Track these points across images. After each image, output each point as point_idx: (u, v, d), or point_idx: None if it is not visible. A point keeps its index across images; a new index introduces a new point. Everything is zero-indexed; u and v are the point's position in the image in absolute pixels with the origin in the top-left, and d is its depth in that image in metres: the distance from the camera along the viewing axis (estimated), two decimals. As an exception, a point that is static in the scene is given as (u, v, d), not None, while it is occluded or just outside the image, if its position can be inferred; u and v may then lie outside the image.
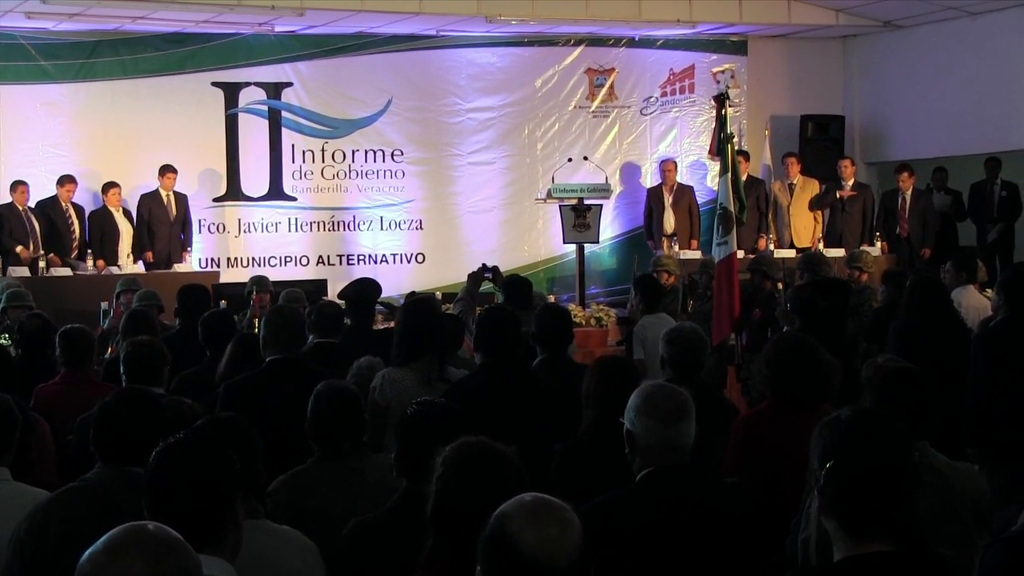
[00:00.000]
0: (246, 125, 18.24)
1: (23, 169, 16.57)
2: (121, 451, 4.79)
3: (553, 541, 3.03)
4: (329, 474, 5.47)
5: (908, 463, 3.37)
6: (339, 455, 5.51)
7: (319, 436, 5.54)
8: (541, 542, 3.02)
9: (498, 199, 19.11)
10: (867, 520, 3.29)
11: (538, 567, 3.00)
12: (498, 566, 3.05)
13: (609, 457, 4.83)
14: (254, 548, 3.92)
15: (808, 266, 13.09)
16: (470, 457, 3.88)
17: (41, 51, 17.25)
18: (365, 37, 18.30)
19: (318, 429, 5.54)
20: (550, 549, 3.02)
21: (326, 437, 5.52)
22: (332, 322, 8.83)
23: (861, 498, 3.28)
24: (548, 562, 3.00)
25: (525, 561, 3.01)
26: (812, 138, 19.39)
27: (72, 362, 8.12)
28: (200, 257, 17.47)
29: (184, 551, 2.95)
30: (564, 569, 3.01)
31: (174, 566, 2.88)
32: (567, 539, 3.05)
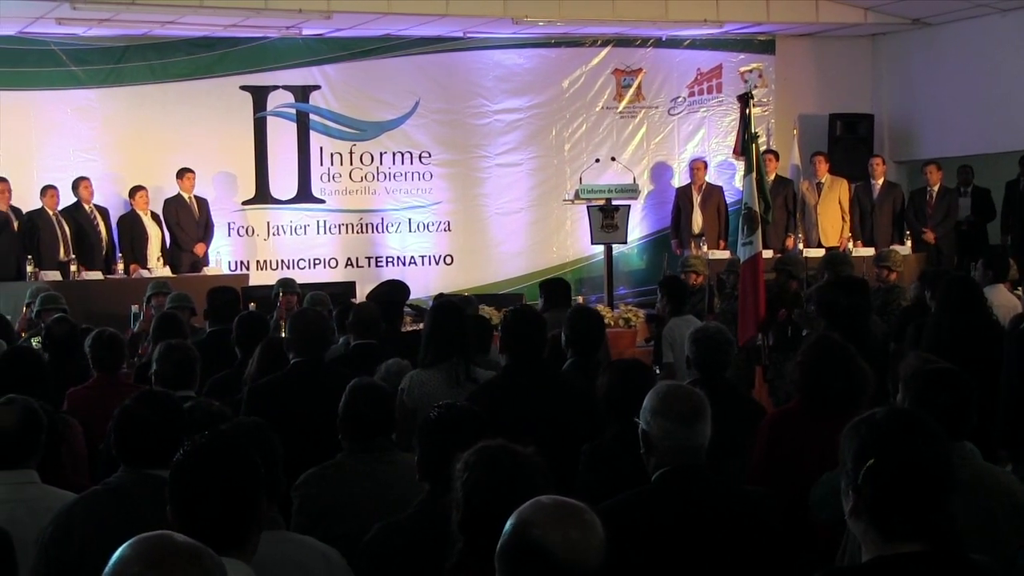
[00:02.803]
0: (274, 128, 18.30)
1: (54, 173, 16.66)
2: (143, 455, 4.80)
3: (578, 543, 3.02)
4: (359, 468, 5.49)
5: (945, 464, 3.33)
6: (369, 450, 5.53)
7: (351, 431, 5.55)
8: (567, 545, 3.02)
9: (526, 200, 19.12)
10: (901, 520, 3.25)
11: (566, 570, 3.00)
12: (524, 571, 3.04)
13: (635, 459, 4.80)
14: (278, 555, 3.93)
15: (829, 266, 13.07)
16: (495, 461, 3.88)
17: (72, 56, 17.33)
18: (392, 39, 18.33)
19: (350, 424, 5.55)
20: (576, 551, 3.01)
21: (358, 432, 5.53)
22: (369, 324, 8.84)
23: (897, 498, 3.24)
24: (576, 564, 3.00)
25: (553, 565, 3.00)
26: (841, 137, 19.34)
27: (104, 365, 8.16)
28: (229, 260, 17.53)
29: (207, 559, 2.95)
30: (592, 570, 3.01)
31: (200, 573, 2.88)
32: (591, 540, 3.04)
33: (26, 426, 5.39)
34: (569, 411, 6.56)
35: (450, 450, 4.33)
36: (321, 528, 4.64)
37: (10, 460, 5.34)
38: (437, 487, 4.55)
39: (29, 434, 5.38)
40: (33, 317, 11.77)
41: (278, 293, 13.02)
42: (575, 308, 8.88)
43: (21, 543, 4.39)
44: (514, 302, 13.23)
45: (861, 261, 15.18)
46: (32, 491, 5.32)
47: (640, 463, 4.73)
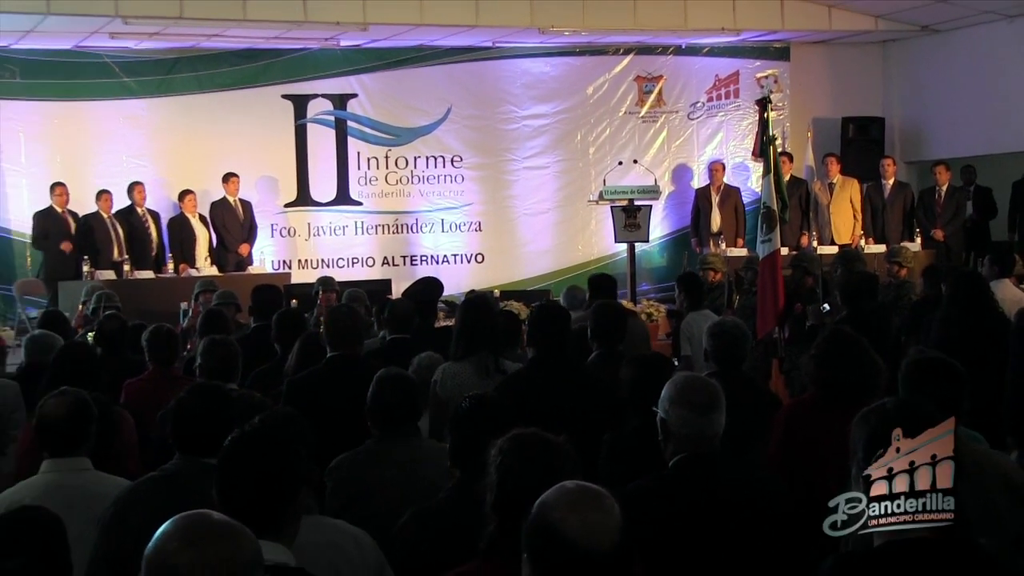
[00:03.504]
0: (314, 135, 18.37)
1: (107, 179, 16.75)
2: (196, 443, 4.83)
3: (596, 526, 3.02)
4: (387, 453, 5.50)
5: (952, 452, 3.32)
6: (396, 436, 5.54)
7: (379, 418, 5.56)
8: (584, 527, 3.01)
9: (552, 201, 19.14)
10: (911, 506, 3.25)
11: (583, 552, 2.99)
12: (545, 553, 3.04)
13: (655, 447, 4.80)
14: (314, 539, 3.93)
15: (843, 262, 13.04)
16: (527, 447, 3.87)
17: (123, 68, 17.45)
18: (425, 49, 18.36)
19: (378, 412, 5.56)
20: (593, 534, 3.01)
21: (385, 419, 5.54)
22: (404, 319, 8.87)
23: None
24: (592, 546, 2.99)
25: (570, 546, 3.00)
26: (853, 139, 19.29)
27: (159, 359, 8.20)
28: (272, 259, 17.58)
29: (244, 538, 2.96)
30: (608, 552, 3.00)
31: (237, 551, 2.89)
32: (608, 523, 3.04)
33: (77, 416, 5.43)
34: (592, 402, 6.55)
35: (480, 438, 4.35)
36: (352, 511, 4.65)
37: (63, 448, 5.39)
38: (468, 473, 4.56)
39: (80, 424, 5.42)
40: (89, 314, 11.83)
41: (318, 291, 13.05)
42: (599, 303, 8.84)
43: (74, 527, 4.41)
44: (541, 298, 13.24)
45: (872, 258, 15.13)
46: (85, 477, 5.36)
47: (659, 451, 4.73)
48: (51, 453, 5.42)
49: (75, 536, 4.36)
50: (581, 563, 2.99)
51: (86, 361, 7.44)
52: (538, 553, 3.06)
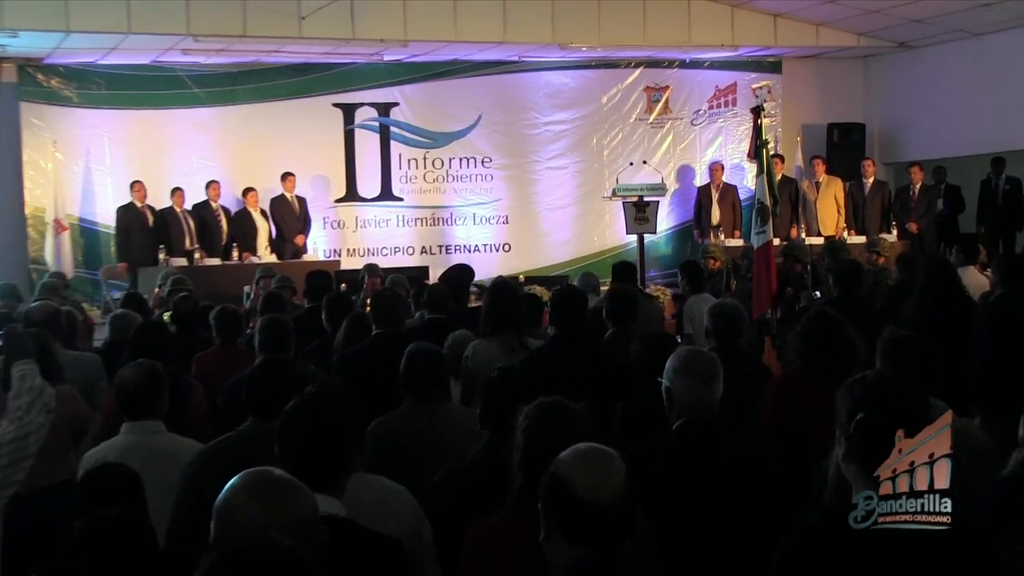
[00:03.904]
0: (361, 139, 18.39)
1: (180, 178, 16.84)
2: (267, 408, 4.84)
3: (601, 482, 3.04)
4: (419, 415, 5.52)
5: (922, 418, 3.27)
6: (426, 401, 5.55)
7: (410, 386, 5.57)
8: (589, 483, 3.03)
9: (571, 197, 19.14)
10: (887, 462, 3.24)
11: (587, 504, 3.01)
12: (555, 503, 3.06)
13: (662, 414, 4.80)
14: (361, 493, 3.94)
15: (830, 252, 13.05)
16: (550, 413, 3.89)
17: (194, 80, 17.52)
18: (459, 63, 18.35)
19: (410, 380, 5.57)
20: (599, 489, 3.02)
21: (416, 387, 5.56)
22: (440, 302, 8.87)
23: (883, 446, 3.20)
24: (595, 500, 3.01)
25: (577, 499, 3.01)
26: (838, 143, 19.26)
27: (225, 336, 8.27)
28: (324, 248, 17.68)
29: (300, 495, 2.97)
30: (611, 505, 3.01)
31: (293, 509, 2.90)
32: (613, 480, 3.05)
33: (150, 384, 5.47)
34: (606, 374, 6.56)
35: (507, 405, 4.38)
36: (390, 467, 4.64)
37: (139, 412, 5.44)
38: (496, 436, 4.58)
39: (152, 391, 5.46)
40: (164, 296, 11.86)
41: (364, 276, 13.06)
42: (613, 288, 8.85)
43: (150, 481, 4.43)
44: (560, 283, 13.23)
45: (854, 247, 15.07)
46: (160, 439, 5.40)
47: (665, 418, 4.73)
48: (129, 417, 5.47)
49: (150, 488, 4.38)
50: (587, 515, 3.01)
51: (161, 337, 7.46)
52: (551, 505, 3.08)
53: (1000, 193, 17.87)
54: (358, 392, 4.30)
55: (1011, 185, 17.84)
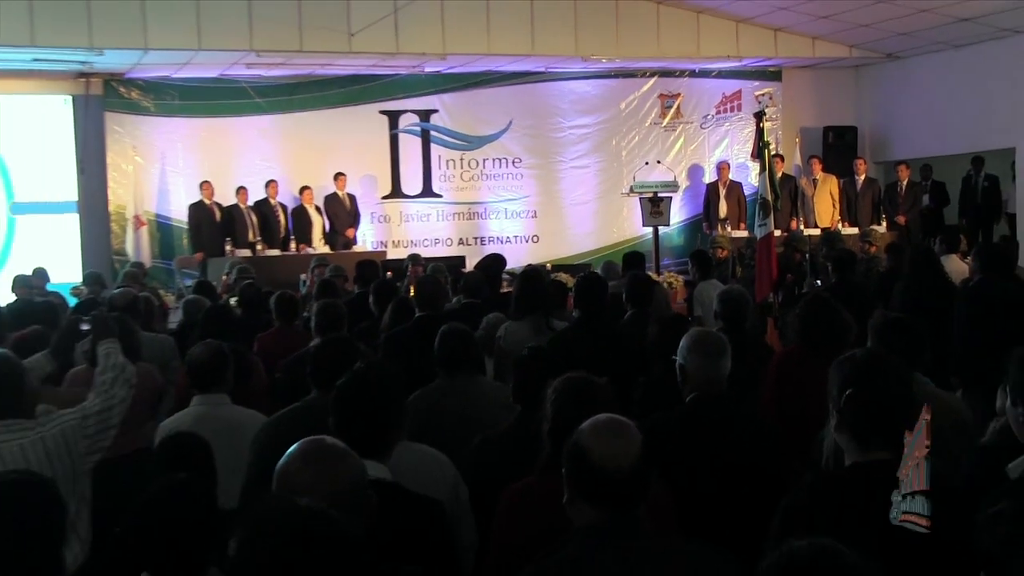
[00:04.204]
0: (404, 142, 18.38)
1: (244, 178, 16.92)
2: (330, 382, 4.84)
3: (617, 450, 3.01)
4: (453, 388, 5.51)
5: (907, 392, 3.30)
6: (458, 376, 5.54)
7: (444, 362, 5.56)
8: (606, 452, 3.01)
9: (593, 194, 19.07)
10: (873, 434, 3.22)
11: (604, 472, 2.99)
12: (575, 470, 3.05)
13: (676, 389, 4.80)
14: (405, 459, 3.95)
15: (827, 242, 13.01)
16: (577, 386, 3.90)
17: (257, 91, 17.57)
18: (491, 74, 18.31)
19: (443, 356, 5.56)
20: (615, 457, 3.00)
21: (448, 363, 5.55)
22: (476, 287, 8.88)
23: (870, 417, 3.21)
24: (612, 467, 2.99)
25: (594, 467, 3.00)
26: (832, 144, 19.18)
27: (284, 318, 8.30)
28: (372, 240, 17.71)
29: (351, 458, 2.98)
30: (626, 472, 2.99)
31: (345, 473, 2.91)
32: (629, 449, 3.03)
33: (216, 361, 5.51)
34: (625, 352, 6.56)
35: (537, 380, 4.38)
36: (428, 434, 4.65)
37: (207, 386, 5.48)
38: (527, 408, 4.58)
39: (218, 367, 5.51)
40: (230, 283, 11.92)
41: (408, 265, 13.10)
42: (632, 274, 8.82)
43: (217, 448, 4.45)
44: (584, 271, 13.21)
45: (848, 238, 15.06)
46: (225, 410, 5.44)
47: (679, 392, 4.73)
48: (199, 390, 5.51)
49: (217, 453, 4.41)
50: (604, 482, 2.99)
51: (227, 319, 7.53)
52: (572, 472, 3.06)
53: (979, 189, 18.04)
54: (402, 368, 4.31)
55: (989, 182, 18.00)
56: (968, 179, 18.18)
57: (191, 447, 4.30)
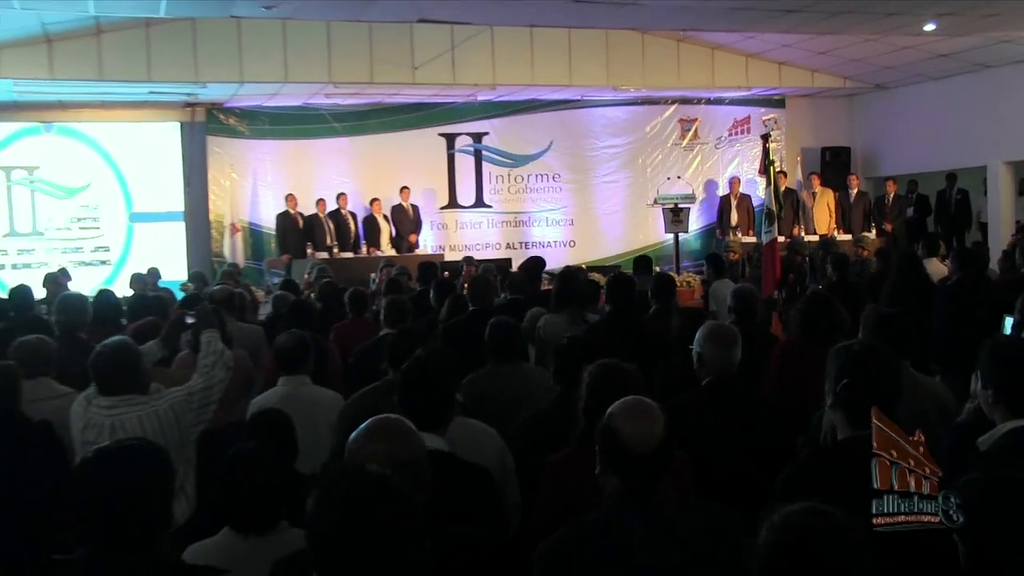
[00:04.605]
0: (460, 160, 18.41)
1: (322, 191, 17.00)
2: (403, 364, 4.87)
3: (644, 429, 3.00)
4: (500, 372, 5.49)
5: (895, 380, 3.29)
6: (504, 361, 5.52)
7: (494, 349, 5.55)
8: (634, 431, 3.00)
9: (622, 205, 19.02)
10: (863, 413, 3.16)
11: (631, 449, 2.98)
12: (606, 448, 3.04)
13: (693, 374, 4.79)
14: (460, 433, 3.96)
15: (824, 246, 12.95)
16: (609, 371, 3.89)
17: (334, 117, 17.65)
18: (535, 102, 18.30)
19: (492, 345, 5.56)
20: (641, 435, 2.99)
21: (497, 350, 5.54)
22: (520, 285, 8.86)
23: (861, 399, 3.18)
24: (639, 445, 2.98)
25: (621, 443, 2.99)
26: (829, 162, 19.11)
27: (356, 311, 8.29)
28: (432, 244, 17.72)
29: (413, 435, 2.99)
30: (652, 449, 2.99)
31: (406, 446, 2.92)
32: (653, 429, 3.01)
33: (298, 347, 5.53)
34: (649, 342, 6.54)
35: (574, 365, 4.37)
36: (480, 411, 4.66)
37: (291, 369, 5.50)
38: (566, 389, 4.57)
39: (300, 352, 5.53)
40: (311, 281, 11.97)
41: (463, 265, 13.14)
42: (658, 274, 8.81)
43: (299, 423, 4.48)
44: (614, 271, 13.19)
45: (843, 243, 14.97)
46: (306, 390, 5.46)
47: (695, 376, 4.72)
48: (284, 372, 5.53)
49: (299, 426, 4.44)
50: (630, 458, 2.98)
51: (308, 312, 7.56)
52: (603, 447, 3.05)
53: (952, 201, 18.04)
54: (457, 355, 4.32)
55: (961, 195, 18.02)
56: (943, 192, 18.16)
57: (276, 421, 4.34)
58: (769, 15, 12.65)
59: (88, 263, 16.75)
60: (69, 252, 16.75)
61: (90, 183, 16.98)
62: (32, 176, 16.76)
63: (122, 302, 8.70)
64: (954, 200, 18.01)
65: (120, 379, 4.54)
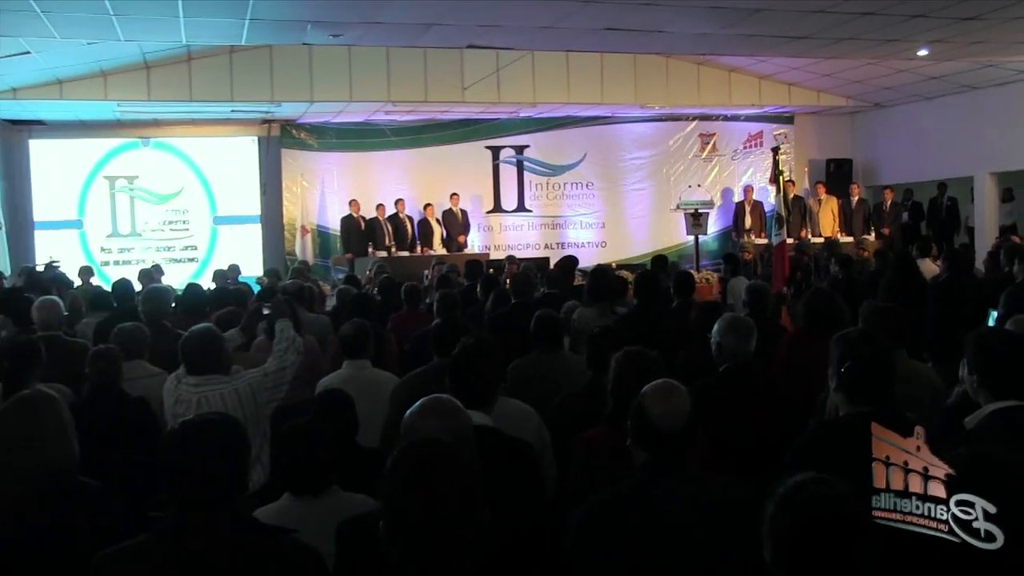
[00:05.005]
0: (504, 170, 18.39)
1: (383, 197, 17.03)
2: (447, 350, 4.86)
3: (671, 410, 2.98)
4: (541, 358, 5.49)
5: (890, 364, 3.28)
6: (547, 349, 5.52)
7: (537, 339, 5.54)
8: (663, 411, 2.97)
9: (648, 210, 18.88)
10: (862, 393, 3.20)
11: (660, 426, 2.96)
12: (637, 424, 3.01)
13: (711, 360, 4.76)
14: (504, 410, 3.95)
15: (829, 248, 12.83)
16: (634, 357, 3.89)
17: (392, 132, 17.70)
18: (571, 118, 18.25)
19: (537, 335, 5.55)
20: (670, 415, 2.96)
21: (541, 339, 5.53)
22: (556, 281, 8.86)
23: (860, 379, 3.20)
24: (667, 424, 2.95)
25: (653, 423, 2.96)
26: (833, 172, 18.91)
27: (410, 303, 8.29)
28: (478, 244, 17.72)
29: (460, 412, 2.98)
30: (678, 428, 2.96)
31: (456, 422, 2.91)
32: (681, 410, 2.99)
33: (360, 335, 5.53)
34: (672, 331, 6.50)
35: (605, 352, 4.35)
36: (522, 393, 4.66)
37: (353, 354, 5.50)
38: (597, 374, 4.56)
39: (361, 339, 5.52)
40: (372, 276, 12.01)
41: (506, 263, 13.10)
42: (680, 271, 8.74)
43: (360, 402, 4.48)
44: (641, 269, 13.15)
45: (845, 245, 14.84)
46: (367, 373, 5.46)
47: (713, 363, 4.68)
48: (347, 357, 5.53)
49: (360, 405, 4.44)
50: (658, 435, 2.96)
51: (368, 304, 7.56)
52: (634, 424, 3.03)
53: (943, 208, 17.99)
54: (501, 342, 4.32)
55: (951, 202, 17.99)
56: (935, 199, 18.07)
57: (340, 399, 4.35)
58: (780, 41, 12.55)
59: (178, 260, 16.94)
60: (162, 250, 16.96)
61: (180, 190, 17.18)
62: (132, 184, 17.00)
63: (207, 294, 8.78)
64: (944, 206, 17.96)
65: (205, 361, 4.59)
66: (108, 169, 16.90)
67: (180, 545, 2.49)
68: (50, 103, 14.32)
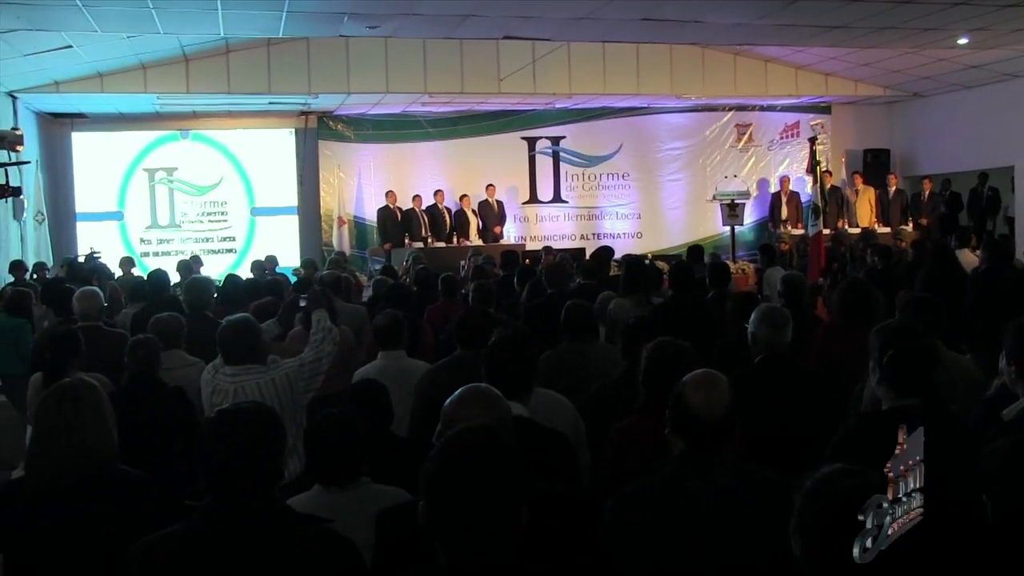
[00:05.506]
0: (540, 161, 18.35)
1: (418, 188, 17.06)
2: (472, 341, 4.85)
3: (710, 400, 2.94)
4: (575, 349, 5.45)
5: (932, 353, 3.23)
6: (579, 340, 5.48)
7: (567, 328, 5.51)
8: (703, 400, 2.94)
9: (684, 200, 18.79)
10: (906, 384, 3.15)
11: (698, 416, 2.93)
12: (677, 415, 2.98)
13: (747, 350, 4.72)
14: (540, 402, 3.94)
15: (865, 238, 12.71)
16: (666, 348, 3.85)
17: (428, 123, 17.72)
18: (606, 109, 18.17)
19: (566, 324, 5.51)
20: (708, 405, 2.93)
21: (571, 330, 5.49)
22: (591, 271, 8.80)
23: (904, 371, 3.14)
24: (707, 414, 2.92)
25: (693, 413, 2.93)
26: (870, 162, 18.69)
27: (446, 293, 8.26)
28: (514, 235, 17.71)
29: (501, 402, 2.97)
30: (719, 417, 2.93)
31: (495, 411, 2.91)
32: (721, 398, 2.95)
33: (395, 326, 5.53)
34: (707, 322, 6.46)
35: (639, 342, 4.32)
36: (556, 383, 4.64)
37: (388, 344, 5.50)
38: (631, 363, 4.52)
39: (395, 330, 5.52)
40: (408, 267, 12.04)
41: (542, 254, 13.09)
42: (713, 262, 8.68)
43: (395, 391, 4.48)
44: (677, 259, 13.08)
45: (882, 236, 14.69)
46: (402, 363, 5.46)
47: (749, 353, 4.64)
48: (383, 347, 5.54)
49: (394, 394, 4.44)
50: (697, 425, 2.93)
51: (405, 294, 7.59)
52: (672, 412, 3.00)
53: (983, 197, 17.79)
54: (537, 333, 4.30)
55: (991, 192, 17.76)
56: (975, 190, 17.87)
57: (374, 389, 4.34)
58: (816, 31, 12.41)
59: (216, 251, 17.10)
60: (200, 241, 17.12)
61: (219, 182, 17.32)
62: (171, 176, 17.16)
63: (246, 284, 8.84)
64: (985, 196, 17.76)
65: (242, 351, 4.61)
66: (148, 161, 17.09)
67: (216, 534, 2.50)
68: (91, 96, 14.49)
